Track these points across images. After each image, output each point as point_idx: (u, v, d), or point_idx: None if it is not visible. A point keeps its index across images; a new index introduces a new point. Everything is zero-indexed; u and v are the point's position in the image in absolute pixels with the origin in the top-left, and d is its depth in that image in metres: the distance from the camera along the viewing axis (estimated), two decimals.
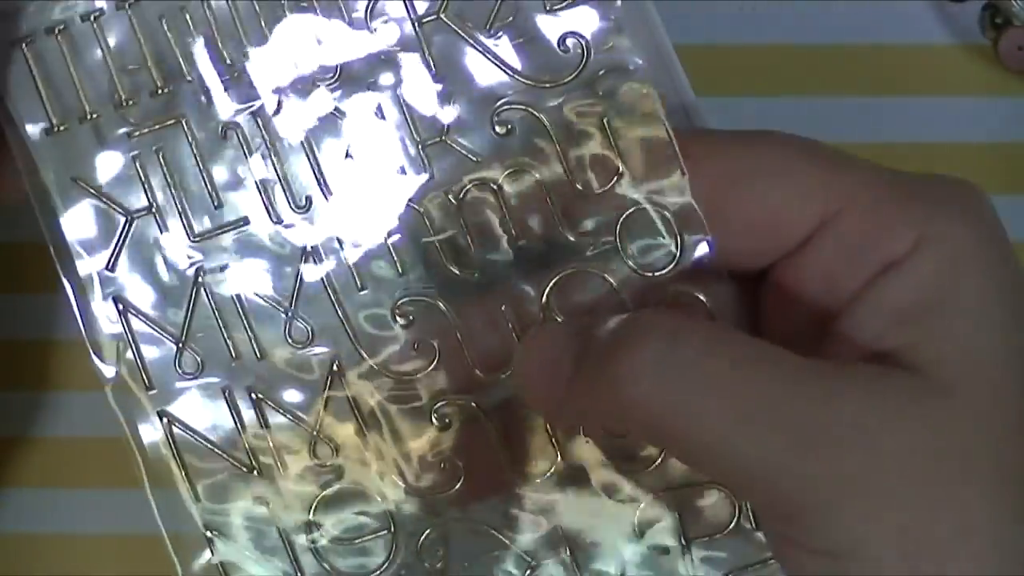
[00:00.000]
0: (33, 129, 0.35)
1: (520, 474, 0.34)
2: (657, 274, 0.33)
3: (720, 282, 0.33)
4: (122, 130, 0.35)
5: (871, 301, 0.31)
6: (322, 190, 0.34)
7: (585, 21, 0.34)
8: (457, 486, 0.34)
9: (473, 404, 0.34)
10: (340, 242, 0.34)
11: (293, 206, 0.34)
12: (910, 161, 0.43)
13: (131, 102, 0.34)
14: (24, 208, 0.35)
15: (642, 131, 0.34)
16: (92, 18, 0.34)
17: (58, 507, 0.42)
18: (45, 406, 0.43)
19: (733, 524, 0.34)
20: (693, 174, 0.33)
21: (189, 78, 0.34)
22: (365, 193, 0.35)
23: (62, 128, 0.34)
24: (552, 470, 0.34)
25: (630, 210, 0.33)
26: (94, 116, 0.35)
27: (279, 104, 0.35)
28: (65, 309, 0.35)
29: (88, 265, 0.35)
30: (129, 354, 0.35)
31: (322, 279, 0.34)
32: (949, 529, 0.29)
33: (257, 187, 0.35)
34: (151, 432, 0.34)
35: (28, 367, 0.43)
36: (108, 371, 0.34)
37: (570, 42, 0.34)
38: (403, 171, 0.34)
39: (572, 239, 0.34)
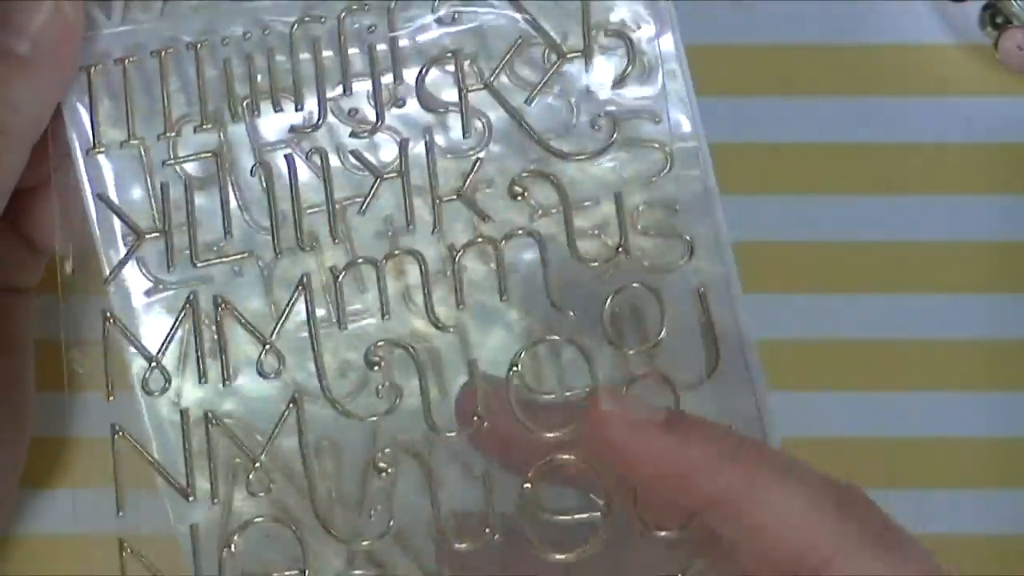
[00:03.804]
0: (77, 149, 0.36)
1: (452, 533, 0.34)
2: (631, 352, 0.34)
3: (694, 368, 0.33)
4: (156, 158, 0.36)
5: None
6: (331, 231, 0.35)
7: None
8: (383, 535, 0.34)
9: (420, 453, 0.34)
10: (336, 280, 0.35)
11: (299, 244, 0.35)
12: (910, 161, 0.43)
13: (174, 134, 0.35)
14: None
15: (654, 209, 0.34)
16: (162, 53, 0.35)
17: (58, 507, 0.42)
18: (43, 407, 0.43)
19: None
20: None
21: (234, 118, 0.35)
22: (369, 236, 0.35)
23: (100, 148, 0.35)
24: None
25: (621, 286, 0.34)
26: (134, 143, 0.35)
27: (310, 151, 0.35)
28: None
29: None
30: (102, 364, 0.35)
31: (307, 315, 0.35)
32: None
33: (272, 223, 0.35)
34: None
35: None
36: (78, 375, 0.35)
37: (603, 122, 0.35)
38: (410, 222, 0.35)
39: (556, 306, 0.34)
